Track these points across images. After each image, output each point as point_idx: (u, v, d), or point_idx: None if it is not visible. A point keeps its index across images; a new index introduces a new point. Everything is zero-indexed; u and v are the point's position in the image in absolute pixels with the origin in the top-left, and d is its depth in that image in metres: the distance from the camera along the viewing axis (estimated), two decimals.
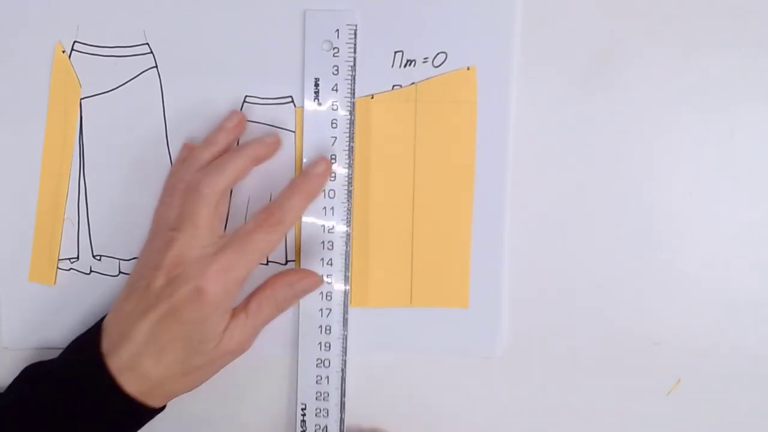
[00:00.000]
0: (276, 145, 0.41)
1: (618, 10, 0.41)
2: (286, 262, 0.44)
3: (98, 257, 0.44)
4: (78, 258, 0.44)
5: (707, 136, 0.42)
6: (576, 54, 0.41)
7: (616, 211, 0.43)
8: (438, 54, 0.41)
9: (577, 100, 0.42)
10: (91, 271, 0.44)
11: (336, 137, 0.42)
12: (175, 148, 0.42)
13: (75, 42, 0.41)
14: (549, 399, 0.45)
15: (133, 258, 0.43)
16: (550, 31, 0.41)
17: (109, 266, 0.44)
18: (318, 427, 0.44)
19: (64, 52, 0.41)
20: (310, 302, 0.43)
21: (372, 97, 0.41)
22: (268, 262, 0.43)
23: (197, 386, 0.40)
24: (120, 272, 0.44)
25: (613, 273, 0.44)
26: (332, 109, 0.42)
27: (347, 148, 0.42)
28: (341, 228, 0.43)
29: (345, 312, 0.43)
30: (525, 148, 0.42)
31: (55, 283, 0.44)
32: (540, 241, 0.43)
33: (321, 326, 0.43)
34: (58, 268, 0.44)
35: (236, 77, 0.41)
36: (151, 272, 0.37)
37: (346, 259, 0.43)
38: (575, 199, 0.43)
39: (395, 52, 0.41)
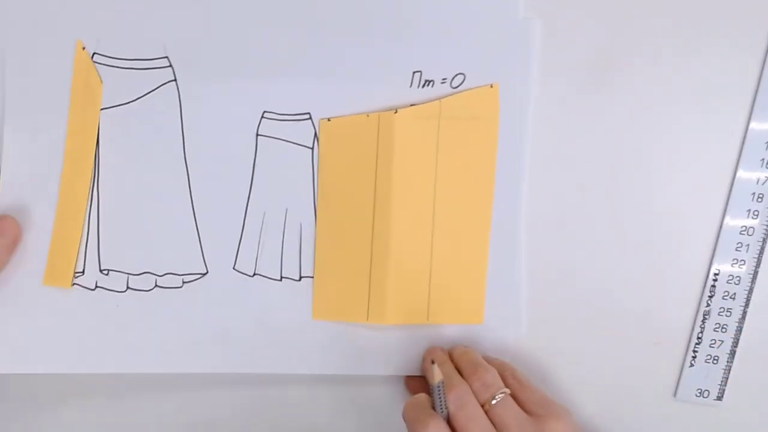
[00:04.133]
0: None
1: (619, 12, 0.41)
2: (300, 278, 0.43)
3: (105, 272, 0.43)
4: (83, 273, 0.43)
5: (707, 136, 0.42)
6: (578, 53, 0.41)
7: (616, 210, 0.43)
8: (456, 75, 0.41)
9: (578, 99, 0.42)
10: (96, 286, 0.43)
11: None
12: (193, 163, 0.42)
13: (95, 53, 0.40)
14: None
15: (144, 272, 0.43)
16: (554, 33, 0.41)
17: (116, 281, 0.43)
18: None
19: (84, 48, 0.40)
20: None
21: (396, 112, 0.41)
22: (282, 278, 0.43)
23: None
24: (128, 287, 0.43)
25: (614, 273, 0.44)
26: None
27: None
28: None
29: None
30: (534, 152, 0.42)
31: (71, 286, 0.42)
32: (539, 242, 0.44)
33: None
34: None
35: (255, 92, 0.41)
36: None
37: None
38: (575, 197, 0.43)
39: (414, 72, 0.41)
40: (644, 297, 0.44)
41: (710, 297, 0.43)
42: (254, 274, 0.43)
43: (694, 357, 0.44)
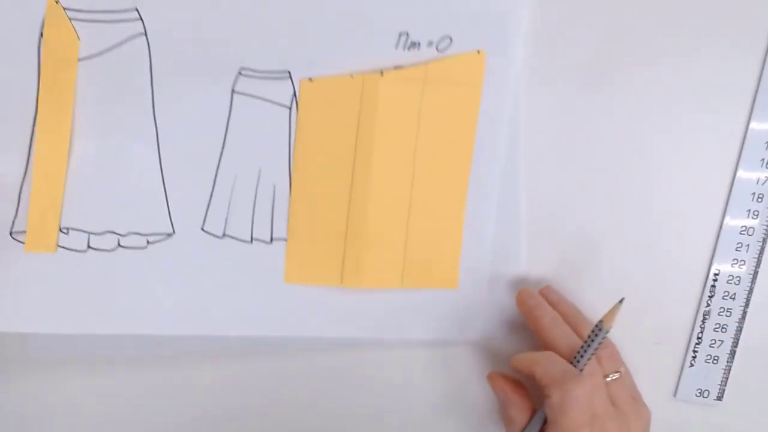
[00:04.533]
0: None
1: (619, 12, 0.41)
2: (272, 240, 0.42)
3: (65, 230, 0.41)
4: None
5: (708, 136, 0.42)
6: (578, 53, 0.41)
7: (616, 209, 0.43)
8: (443, 38, 0.40)
9: (578, 99, 0.42)
10: (56, 245, 0.41)
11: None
12: (162, 119, 0.40)
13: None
14: None
15: (106, 231, 0.41)
16: (554, 33, 0.41)
17: (76, 240, 0.41)
18: None
19: (57, 2, 0.38)
20: None
21: (381, 74, 0.40)
22: (252, 240, 0.42)
23: None
24: (89, 247, 0.41)
25: (614, 273, 0.44)
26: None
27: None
28: None
29: None
30: (527, 144, 0.42)
31: (56, 250, 0.41)
32: (540, 241, 0.44)
33: None
34: (15, 239, 0.40)
35: (232, 49, 0.39)
36: None
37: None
38: (575, 197, 0.43)
39: (400, 34, 0.40)
40: (644, 297, 0.44)
41: (710, 297, 0.43)
42: (224, 235, 0.42)
43: (694, 357, 0.44)
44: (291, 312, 0.43)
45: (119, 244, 0.41)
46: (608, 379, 0.39)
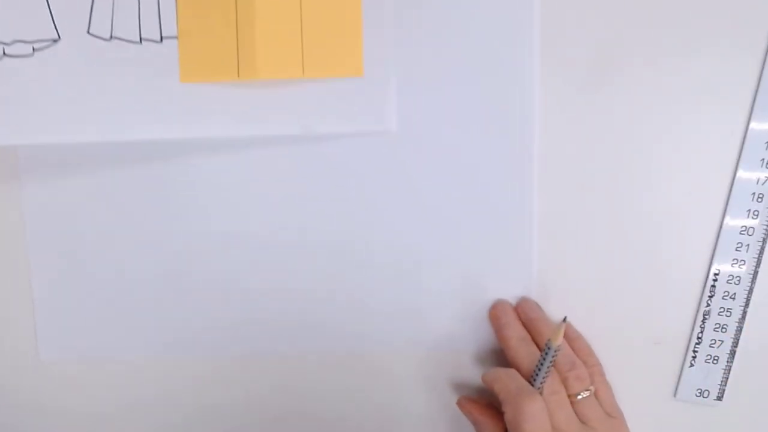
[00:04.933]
0: None
1: (619, 12, 0.41)
2: (162, 38, 0.41)
3: None
4: None
5: (708, 136, 0.42)
6: (578, 53, 0.41)
7: (616, 210, 0.43)
8: None
9: (578, 99, 0.42)
10: None
11: None
12: None
13: None
14: None
15: None
16: (554, 33, 0.41)
17: None
18: None
19: None
20: None
21: None
22: (141, 40, 0.40)
23: None
24: None
25: (613, 273, 0.44)
26: None
27: None
28: None
29: None
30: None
31: None
32: (539, 241, 0.44)
33: None
34: None
35: None
36: None
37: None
38: (574, 197, 0.43)
39: None
40: (644, 297, 0.44)
41: (710, 297, 0.43)
42: (111, 38, 0.40)
43: (694, 357, 0.44)
44: (190, 113, 0.41)
45: (4, 53, 0.40)
46: (579, 397, 0.40)
